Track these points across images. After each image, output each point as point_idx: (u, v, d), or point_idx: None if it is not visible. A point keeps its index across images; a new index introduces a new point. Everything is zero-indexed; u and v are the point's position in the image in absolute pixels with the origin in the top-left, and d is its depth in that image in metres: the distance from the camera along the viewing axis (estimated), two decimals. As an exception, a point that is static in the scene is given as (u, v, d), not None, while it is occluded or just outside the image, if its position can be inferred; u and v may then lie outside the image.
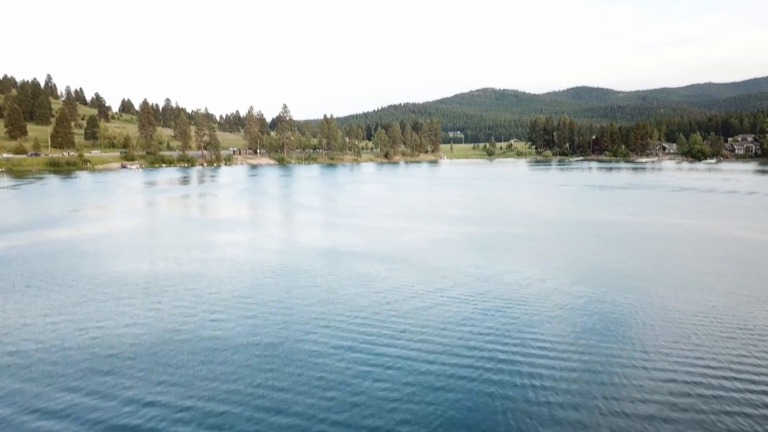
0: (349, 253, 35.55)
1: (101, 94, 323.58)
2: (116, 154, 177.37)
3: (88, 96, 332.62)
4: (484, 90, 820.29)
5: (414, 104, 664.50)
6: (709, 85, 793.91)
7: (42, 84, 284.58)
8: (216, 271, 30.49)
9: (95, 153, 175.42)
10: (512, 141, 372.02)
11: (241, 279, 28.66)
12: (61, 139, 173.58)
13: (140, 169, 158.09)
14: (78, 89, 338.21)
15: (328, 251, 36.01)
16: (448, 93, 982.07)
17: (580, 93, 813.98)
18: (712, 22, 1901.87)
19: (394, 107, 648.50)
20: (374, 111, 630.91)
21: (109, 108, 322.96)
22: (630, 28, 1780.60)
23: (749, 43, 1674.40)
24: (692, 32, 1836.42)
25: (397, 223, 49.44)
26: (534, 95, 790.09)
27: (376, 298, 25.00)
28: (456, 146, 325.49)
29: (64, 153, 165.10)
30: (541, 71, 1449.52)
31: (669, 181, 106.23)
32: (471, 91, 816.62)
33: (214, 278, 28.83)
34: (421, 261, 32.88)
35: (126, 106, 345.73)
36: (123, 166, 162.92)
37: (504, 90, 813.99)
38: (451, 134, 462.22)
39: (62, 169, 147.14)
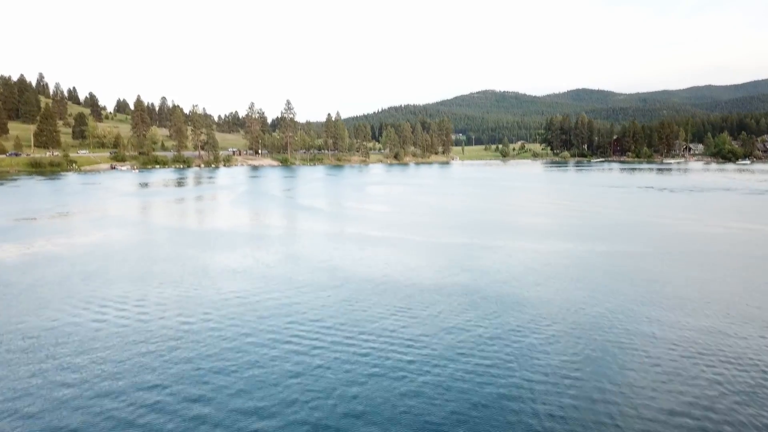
0: (406, 286, 22.57)
1: (97, 95, 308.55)
2: (106, 154, 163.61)
3: (82, 96, 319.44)
4: (485, 92, 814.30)
5: (414, 106, 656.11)
6: (709, 88, 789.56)
7: (34, 83, 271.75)
8: (205, 334, 17.05)
9: (83, 153, 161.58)
10: (520, 142, 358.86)
11: (245, 349, 15.33)
12: (46, 138, 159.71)
13: (131, 171, 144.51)
14: (71, 88, 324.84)
15: (375, 283, 22.87)
16: (448, 95, 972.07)
17: (580, 95, 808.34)
18: (712, 24, 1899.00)
19: (395, 109, 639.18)
20: (374, 113, 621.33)
21: (103, 108, 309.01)
22: (629, 30, 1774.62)
23: (748, 45, 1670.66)
24: (691, 34, 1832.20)
25: (455, 237, 36.19)
26: (534, 97, 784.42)
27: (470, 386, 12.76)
28: (467, 148, 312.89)
29: (48, 153, 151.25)
30: (541, 73, 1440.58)
31: (732, 184, 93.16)
32: (471, 93, 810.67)
33: (201, 348, 15.47)
34: (520, 298, 20.24)
35: (121, 106, 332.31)
36: (112, 167, 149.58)
37: (504, 92, 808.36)
38: (453, 136, 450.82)
39: (45, 170, 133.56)
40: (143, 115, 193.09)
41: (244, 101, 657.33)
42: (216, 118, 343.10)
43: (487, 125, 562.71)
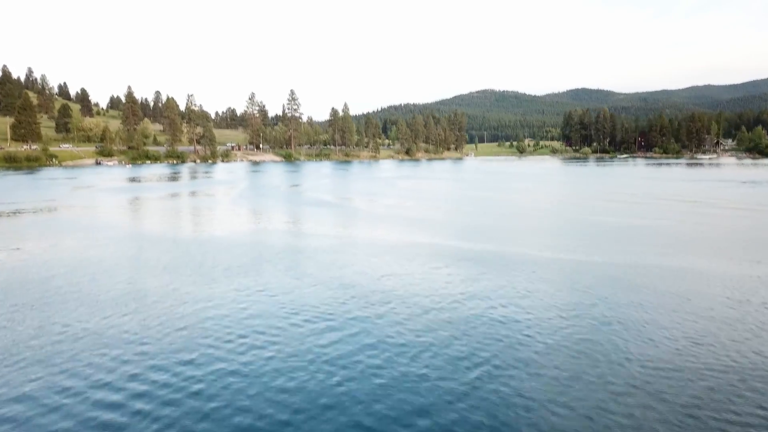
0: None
1: (91, 92, 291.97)
2: (91, 148, 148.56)
3: (73, 91, 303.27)
4: (484, 91, 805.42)
5: (414, 105, 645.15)
6: (708, 87, 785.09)
7: (23, 77, 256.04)
8: None
9: (65, 147, 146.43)
10: (528, 140, 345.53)
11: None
12: (25, 131, 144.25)
13: (122, 166, 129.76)
14: (62, 83, 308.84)
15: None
16: (447, 94, 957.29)
17: (580, 95, 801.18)
18: (711, 24, 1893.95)
19: (395, 108, 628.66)
20: (374, 112, 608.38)
21: (96, 104, 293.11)
22: (629, 30, 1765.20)
23: (747, 45, 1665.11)
24: (690, 34, 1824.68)
25: (576, 252, 22.07)
26: (534, 96, 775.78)
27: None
28: (480, 145, 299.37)
29: (26, 146, 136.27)
30: (541, 73, 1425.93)
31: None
32: (471, 93, 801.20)
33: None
34: None
35: (115, 103, 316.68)
36: (98, 163, 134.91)
37: (504, 91, 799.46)
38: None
39: (20, 166, 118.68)
40: (134, 108, 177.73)
41: (241, 100, 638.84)
42: (213, 115, 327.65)
43: (489, 124, 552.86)
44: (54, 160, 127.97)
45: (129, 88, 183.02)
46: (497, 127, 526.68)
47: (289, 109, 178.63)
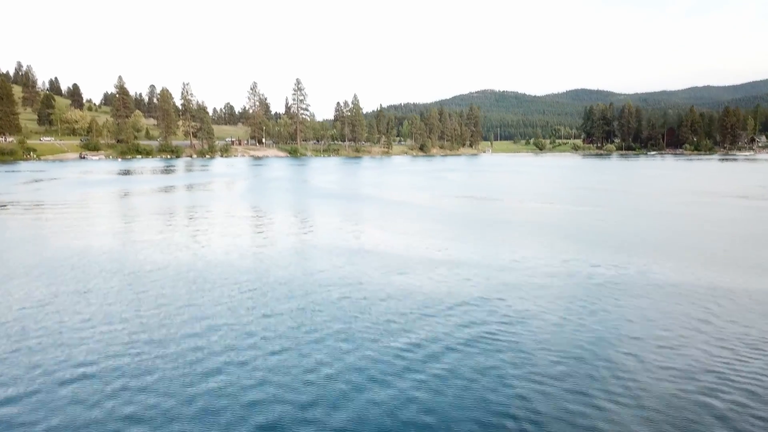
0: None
1: (86, 89, 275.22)
2: (76, 142, 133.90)
3: (65, 87, 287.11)
4: (484, 92, 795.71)
5: (414, 104, 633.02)
6: (708, 88, 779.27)
7: (12, 72, 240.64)
8: None
9: (47, 140, 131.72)
10: (536, 139, 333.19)
11: None
12: (1, 123, 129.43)
13: (105, 160, 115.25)
14: (53, 78, 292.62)
15: None
16: (447, 94, 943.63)
17: (579, 95, 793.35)
18: (711, 24, 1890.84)
19: (395, 107, 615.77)
20: (374, 111, 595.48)
21: (89, 101, 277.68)
22: (629, 31, 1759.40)
23: (747, 46, 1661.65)
24: (690, 34, 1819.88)
25: None
26: (534, 96, 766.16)
27: None
28: (495, 142, 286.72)
29: (1, 138, 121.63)
30: (540, 73, 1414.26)
31: None
32: (470, 93, 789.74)
33: None
34: None
35: (108, 99, 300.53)
36: (82, 157, 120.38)
37: (504, 91, 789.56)
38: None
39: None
40: (126, 100, 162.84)
41: (239, 98, 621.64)
42: (211, 112, 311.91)
43: (492, 124, 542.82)
44: (32, 153, 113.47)
45: (120, 78, 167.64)
46: (500, 126, 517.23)
47: (294, 100, 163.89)
